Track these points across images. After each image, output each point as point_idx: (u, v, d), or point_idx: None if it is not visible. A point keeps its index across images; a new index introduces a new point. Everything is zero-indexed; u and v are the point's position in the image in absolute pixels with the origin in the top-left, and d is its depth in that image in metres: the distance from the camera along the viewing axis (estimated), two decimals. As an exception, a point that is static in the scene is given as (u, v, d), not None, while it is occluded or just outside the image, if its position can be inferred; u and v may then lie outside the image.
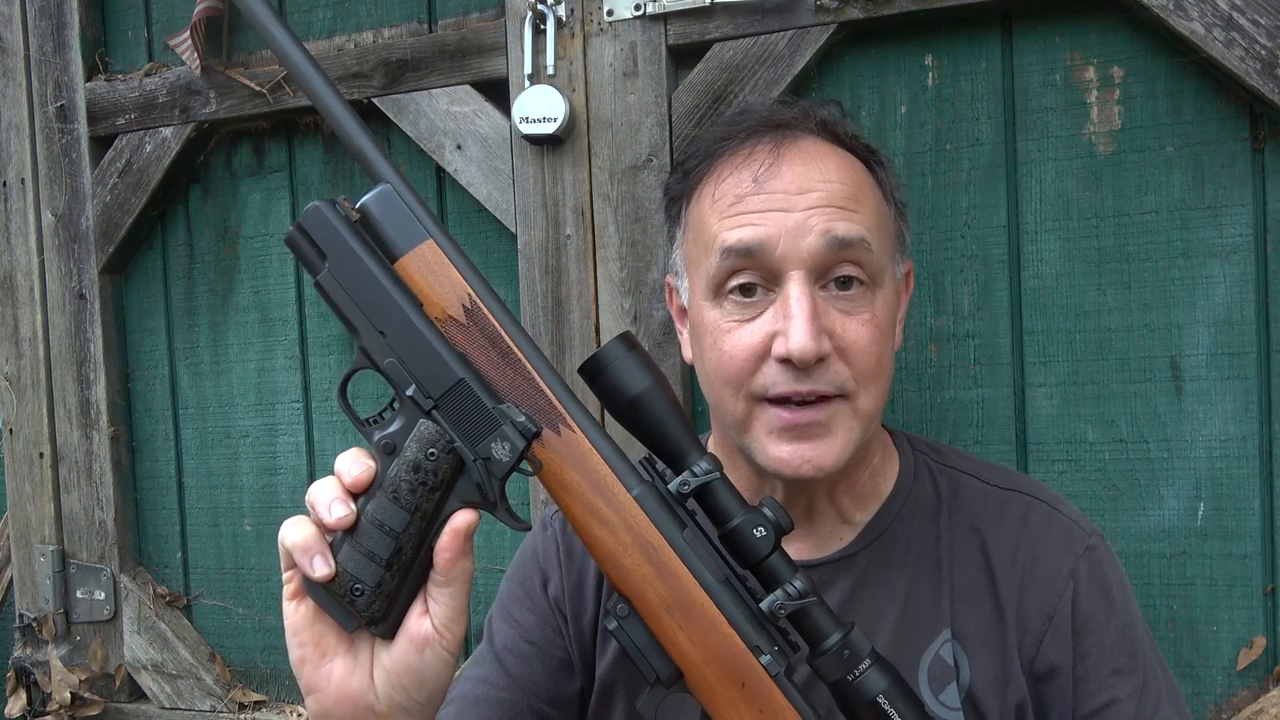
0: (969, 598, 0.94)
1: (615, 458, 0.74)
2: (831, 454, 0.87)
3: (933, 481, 1.00)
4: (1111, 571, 0.95)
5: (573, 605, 1.03)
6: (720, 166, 0.93)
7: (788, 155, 0.90)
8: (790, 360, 0.85)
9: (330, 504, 0.69)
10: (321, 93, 0.74)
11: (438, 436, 0.70)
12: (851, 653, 0.75)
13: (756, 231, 0.87)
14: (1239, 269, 1.18)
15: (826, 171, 0.89)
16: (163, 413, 1.70)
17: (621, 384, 0.77)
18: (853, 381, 0.87)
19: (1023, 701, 0.92)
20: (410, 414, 0.71)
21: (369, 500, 0.70)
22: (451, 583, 0.70)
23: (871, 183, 0.93)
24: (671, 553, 0.73)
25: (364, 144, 0.73)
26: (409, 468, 0.69)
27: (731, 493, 0.76)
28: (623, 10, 1.32)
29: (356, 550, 0.69)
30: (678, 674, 0.74)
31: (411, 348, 0.71)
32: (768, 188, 0.88)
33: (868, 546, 0.97)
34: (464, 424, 0.70)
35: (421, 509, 0.70)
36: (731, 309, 0.90)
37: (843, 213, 0.88)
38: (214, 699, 1.65)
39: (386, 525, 0.69)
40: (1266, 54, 1.11)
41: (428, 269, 0.72)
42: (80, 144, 1.64)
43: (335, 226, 0.71)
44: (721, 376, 0.90)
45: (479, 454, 0.70)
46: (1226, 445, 1.19)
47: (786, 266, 0.86)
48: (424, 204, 0.74)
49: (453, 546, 0.69)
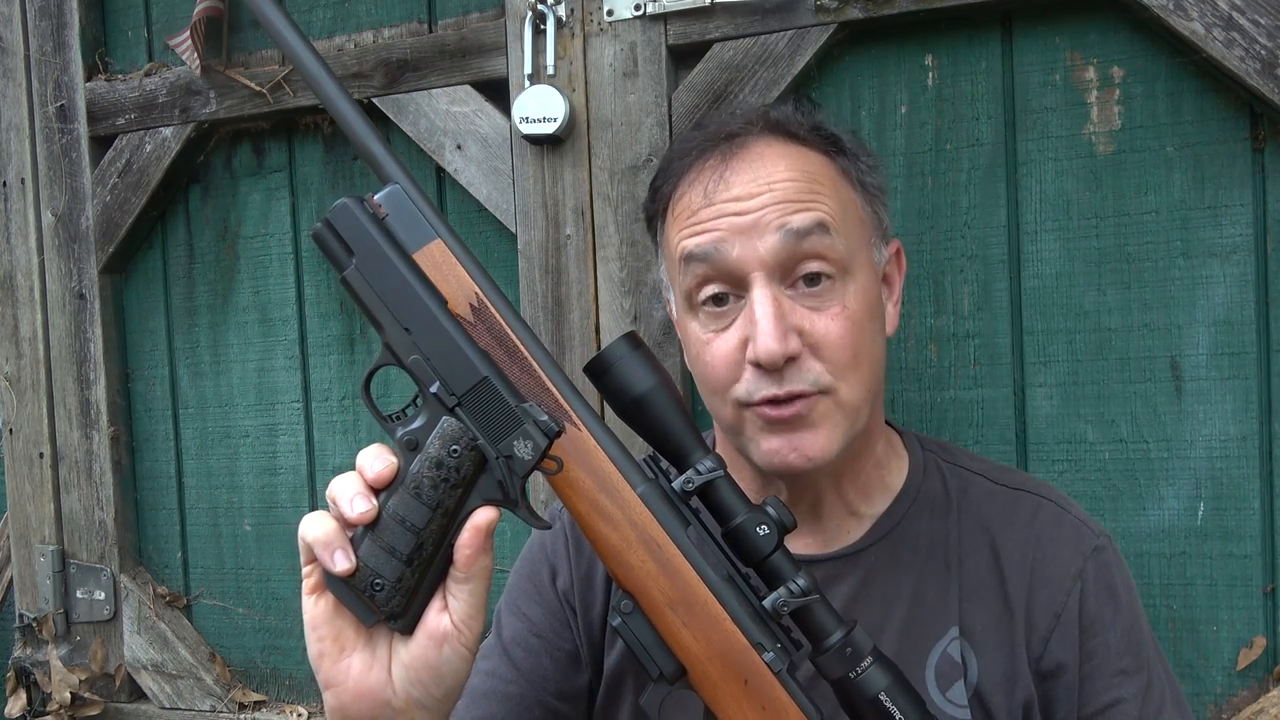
0: (977, 596, 0.95)
1: (620, 455, 0.74)
2: (817, 444, 0.88)
3: (942, 480, 1.00)
4: (1118, 572, 0.96)
5: (582, 599, 1.03)
6: (680, 185, 0.95)
7: (735, 164, 0.91)
8: (760, 364, 0.86)
9: (352, 499, 0.69)
10: (330, 92, 0.74)
11: (461, 433, 0.70)
12: (853, 650, 0.75)
13: (709, 237, 0.89)
14: (1239, 269, 1.18)
15: (775, 173, 0.90)
16: (163, 413, 1.70)
17: (627, 383, 0.78)
18: (828, 376, 0.88)
19: (1030, 700, 0.92)
20: (434, 411, 0.71)
21: (390, 496, 0.70)
22: (471, 579, 0.71)
23: (833, 171, 0.93)
24: (675, 550, 0.73)
25: (373, 145, 0.74)
26: (431, 464, 0.70)
27: (735, 491, 0.77)
28: (623, 10, 1.32)
29: (377, 545, 0.70)
30: (681, 670, 0.74)
31: (436, 345, 0.72)
32: (718, 198, 0.90)
33: (876, 543, 0.97)
34: (487, 421, 0.71)
35: (443, 505, 0.70)
36: (706, 320, 0.92)
37: (795, 205, 0.88)
38: (214, 699, 1.65)
39: (408, 521, 0.70)
40: (1266, 54, 1.11)
41: (436, 268, 0.73)
42: (80, 144, 1.64)
43: (364, 224, 0.72)
44: (709, 386, 0.93)
45: (501, 452, 0.71)
46: (1226, 445, 1.19)
47: (747, 269, 0.88)
48: (432, 204, 0.75)
49: (473, 543, 0.70)
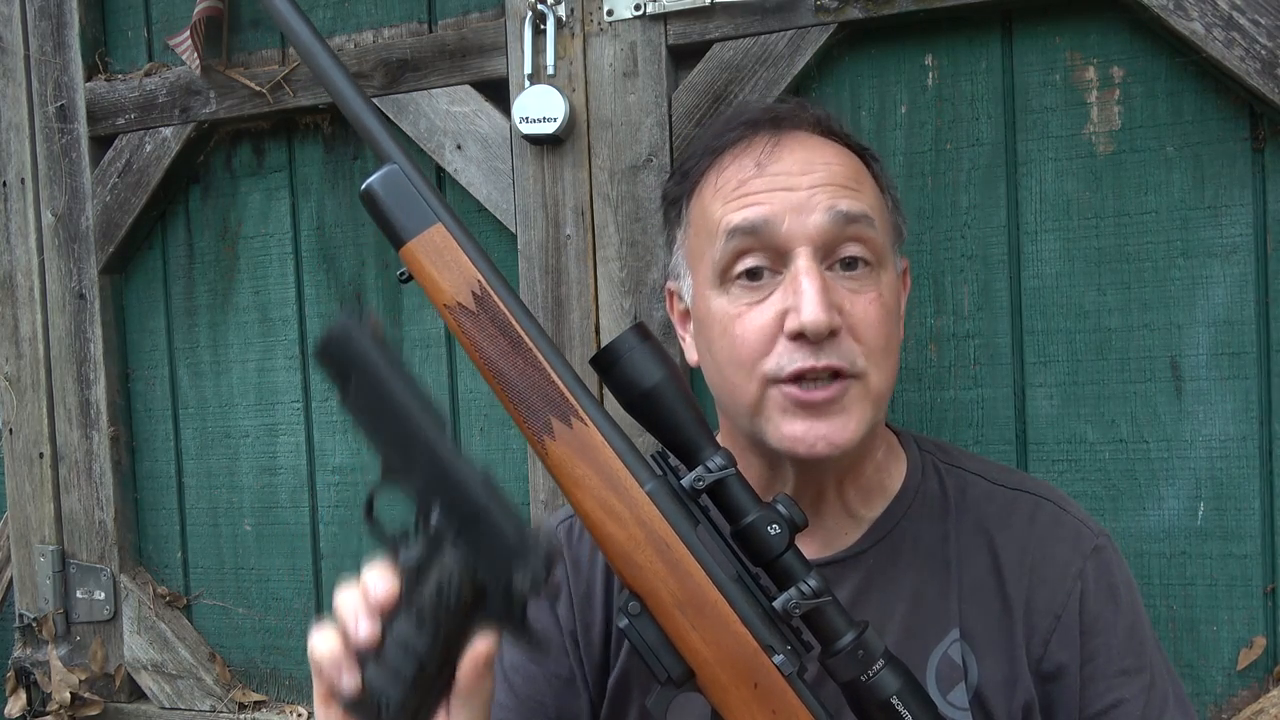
0: (977, 597, 0.94)
1: (628, 451, 0.73)
2: (846, 431, 0.85)
3: (940, 481, 0.99)
4: (1119, 572, 0.95)
5: (582, 620, 1.01)
6: (721, 158, 0.93)
7: (787, 142, 0.90)
8: (804, 334, 0.83)
9: (357, 620, 0.69)
10: (327, 68, 0.72)
11: (460, 563, 0.70)
12: (865, 653, 0.74)
13: (761, 210, 0.86)
14: (1239, 269, 1.18)
15: (827, 155, 0.90)
16: (163, 413, 1.70)
17: (636, 376, 0.76)
18: (864, 359, 0.86)
19: (1030, 702, 0.92)
20: (433, 538, 0.71)
21: (394, 619, 0.70)
22: (473, 698, 0.70)
23: (869, 175, 0.94)
24: (685, 550, 0.72)
25: (369, 121, 0.71)
26: (432, 591, 0.69)
27: (745, 489, 0.76)
28: (623, 10, 1.32)
29: (382, 667, 0.69)
30: (689, 673, 0.73)
31: (436, 474, 0.70)
32: (770, 170, 0.88)
33: (875, 545, 0.96)
34: (487, 552, 0.70)
35: (444, 630, 0.70)
36: (739, 294, 0.88)
37: (846, 189, 0.88)
38: (214, 699, 1.65)
39: (410, 646, 0.69)
40: (1266, 54, 1.11)
41: (436, 254, 0.71)
42: (80, 144, 1.64)
43: (359, 347, 0.70)
44: (734, 361, 0.88)
45: (500, 582, 0.70)
46: (1226, 445, 1.19)
47: (793, 244, 0.85)
48: (433, 186, 0.72)
49: (474, 671, 0.69)
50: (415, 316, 1.54)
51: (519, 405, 0.75)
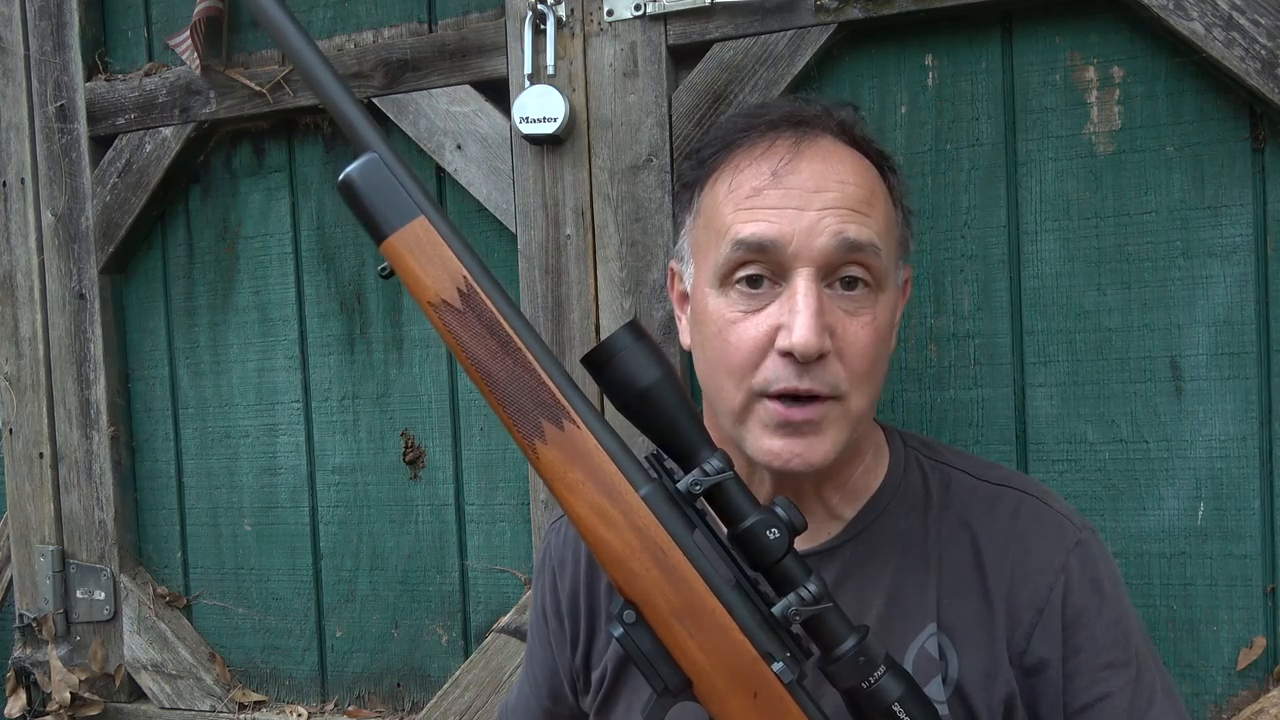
0: (958, 592, 0.93)
1: (621, 455, 0.71)
2: (820, 451, 0.86)
3: (923, 477, 0.98)
4: (1103, 565, 0.94)
5: (571, 615, 1.02)
6: (738, 157, 0.91)
7: (807, 152, 0.88)
8: (792, 354, 0.83)
9: None
10: (297, 45, 0.69)
11: None
12: (866, 659, 0.73)
13: (770, 228, 0.85)
14: (1239, 269, 1.18)
15: (843, 173, 0.88)
16: (163, 413, 1.70)
17: (630, 375, 0.74)
18: (846, 383, 0.86)
19: (1011, 694, 0.91)
20: None
21: None
22: None
23: (883, 188, 0.93)
24: (681, 556, 0.71)
25: (347, 107, 0.67)
26: None
27: (744, 492, 0.74)
28: (623, 10, 1.32)
29: None
30: (686, 683, 0.71)
31: None
32: (785, 183, 0.87)
33: (852, 539, 0.95)
34: None
35: None
36: (737, 299, 0.88)
37: (856, 215, 0.87)
38: (214, 699, 1.65)
39: None
40: (1266, 54, 1.11)
41: (419, 249, 0.68)
42: (80, 144, 1.64)
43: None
44: (724, 367, 0.88)
45: None
46: (1226, 445, 1.19)
47: (796, 264, 0.85)
48: (415, 177, 0.68)
49: None
50: (415, 316, 1.54)
51: (508, 407, 0.72)
